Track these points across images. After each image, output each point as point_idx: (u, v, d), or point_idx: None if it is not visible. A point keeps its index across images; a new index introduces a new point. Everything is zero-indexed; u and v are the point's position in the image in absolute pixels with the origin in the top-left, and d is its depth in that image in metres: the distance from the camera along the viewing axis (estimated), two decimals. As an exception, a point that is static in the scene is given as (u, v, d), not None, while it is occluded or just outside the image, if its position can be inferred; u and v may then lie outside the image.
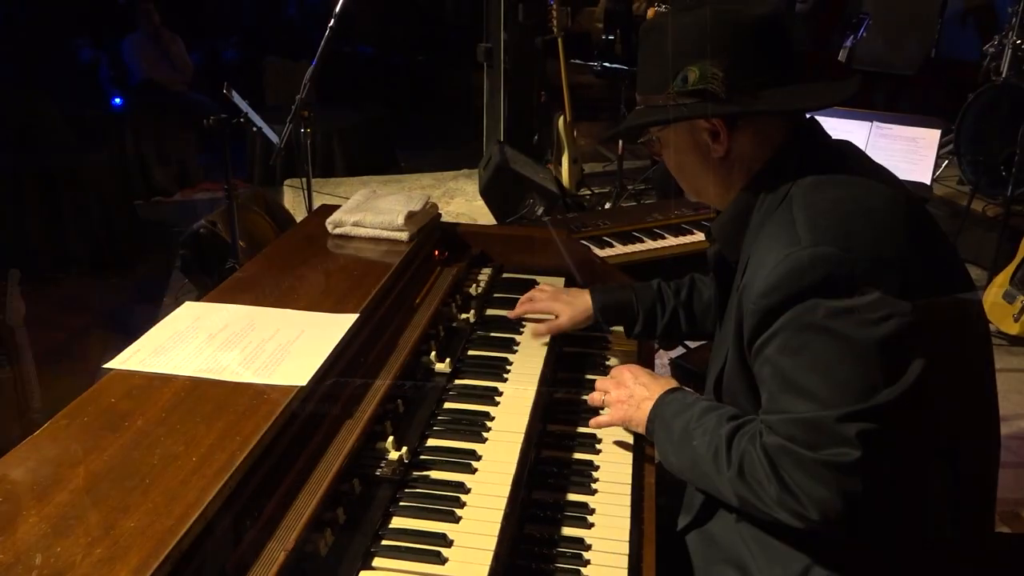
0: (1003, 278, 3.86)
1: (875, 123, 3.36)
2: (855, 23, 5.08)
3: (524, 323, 1.77)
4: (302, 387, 1.26)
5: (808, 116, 1.30)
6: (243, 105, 3.53)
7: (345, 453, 1.21)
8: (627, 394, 1.44)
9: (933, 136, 3.30)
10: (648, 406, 1.39)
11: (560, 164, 5.41)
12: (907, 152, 3.29)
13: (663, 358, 3.26)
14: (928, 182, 3.39)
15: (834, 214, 1.15)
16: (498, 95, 5.58)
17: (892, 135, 3.32)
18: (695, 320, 1.68)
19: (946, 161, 5.10)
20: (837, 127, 3.32)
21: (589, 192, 5.63)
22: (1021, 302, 3.72)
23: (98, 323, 4.21)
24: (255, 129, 3.58)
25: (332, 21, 3.39)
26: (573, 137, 5.36)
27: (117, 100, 6.05)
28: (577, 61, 5.54)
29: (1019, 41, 4.64)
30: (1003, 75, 4.73)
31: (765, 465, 1.14)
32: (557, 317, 1.72)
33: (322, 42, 3.43)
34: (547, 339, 1.70)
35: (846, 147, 1.31)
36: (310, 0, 8.48)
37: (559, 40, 5.23)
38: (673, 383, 1.45)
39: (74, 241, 4.71)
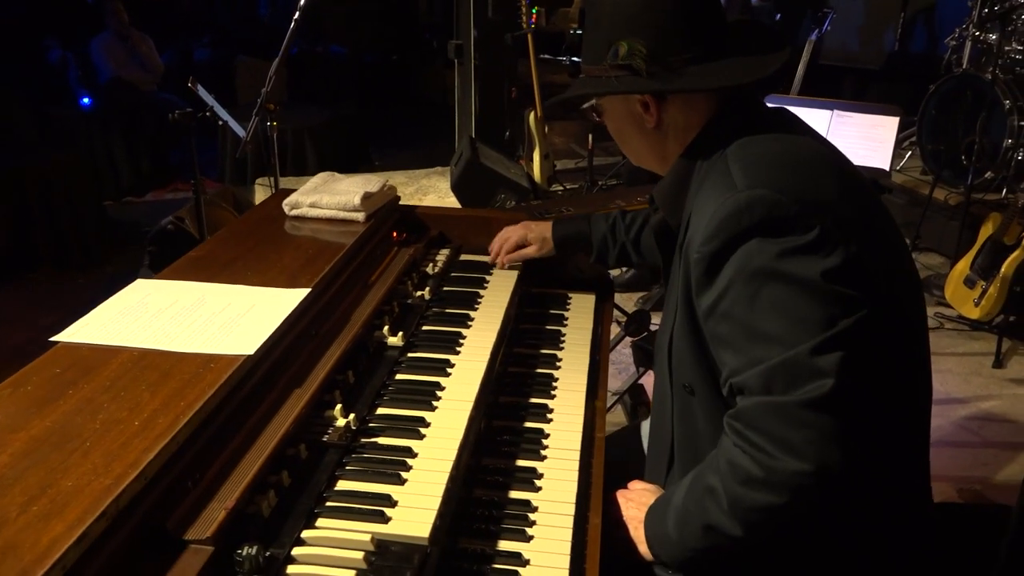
0: (963, 265, 3.93)
1: (835, 111, 3.41)
2: (820, 17, 5.16)
3: (479, 300, 1.78)
4: (249, 356, 1.27)
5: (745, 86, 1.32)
6: (208, 99, 3.53)
7: (292, 419, 1.22)
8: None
9: (892, 123, 3.36)
10: (641, 533, 1.31)
11: (531, 160, 5.43)
12: (866, 139, 3.34)
13: (628, 346, 3.30)
14: (887, 168, 3.45)
15: (767, 160, 1.18)
16: (469, 91, 5.60)
17: (852, 123, 3.38)
18: (643, 255, 1.79)
19: (909, 152, 5.18)
20: (797, 114, 3.36)
21: (561, 188, 5.65)
22: (981, 287, 3.79)
23: (66, 321, 4.18)
24: (221, 123, 3.58)
25: (297, 14, 3.38)
26: (544, 132, 5.38)
27: (86, 100, 6.01)
28: (547, 56, 5.57)
29: (978, 34, 4.72)
30: (964, 67, 4.81)
31: (745, 444, 1.11)
32: (528, 246, 1.88)
33: (287, 35, 3.43)
34: (503, 311, 1.72)
35: (780, 114, 1.33)
36: (282, 0, 8.47)
37: (529, 36, 5.27)
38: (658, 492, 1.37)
39: (41, 241, 4.67)
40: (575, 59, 5.34)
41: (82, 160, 5.08)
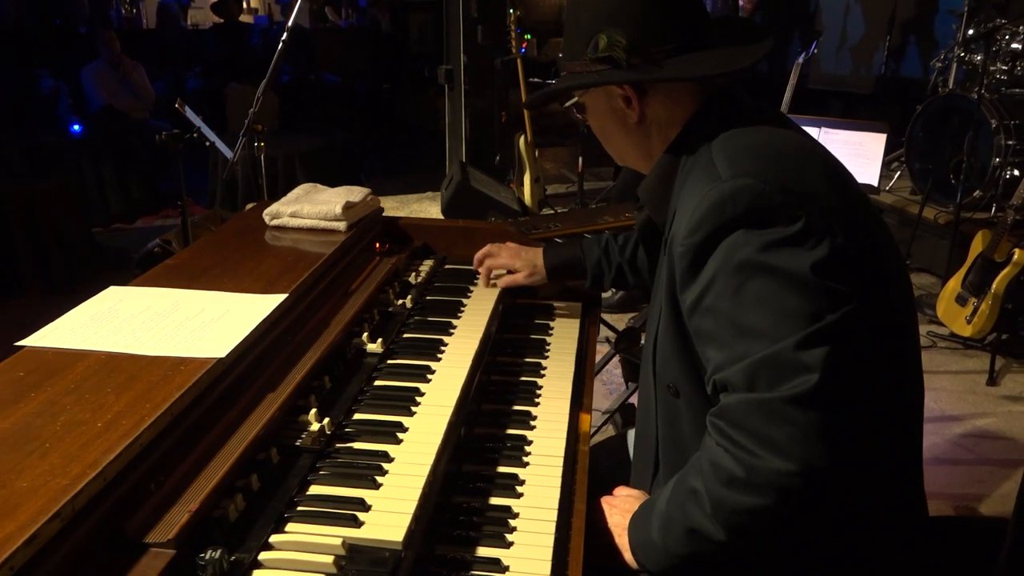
0: (955, 283, 3.91)
1: (823, 128, 3.41)
2: (807, 40, 5.20)
3: (462, 309, 1.75)
4: (221, 359, 1.23)
5: (724, 80, 1.31)
6: (196, 120, 3.52)
7: (263, 423, 1.18)
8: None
9: (879, 139, 3.36)
10: (625, 540, 1.26)
11: (522, 184, 5.43)
12: (854, 156, 3.34)
13: (618, 366, 3.26)
14: (875, 184, 3.44)
15: (751, 151, 1.16)
16: (459, 116, 5.62)
17: (839, 140, 3.38)
18: (639, 272, 1.73)
19: (897, 172, 5.19)
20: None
21: (552, 211, 5.65)
22: (973, 304, 3.77)
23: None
24: (208, 144, 3.56)
25: (284, 35, 3.38)
26: (534, 156, 5.38)
27: (76, 127, 6.00)
28: (537, 80, 5.59)
29: (963, 55, 4.75)
30: (950, 88, 4.83)
31: (728, 443, 1.06)
32: (515, 273, 1.81)
33: (275, 56, 3.43)
34: (486, 319, 1.68)
35: (765, 108, 1.32)
36: (274, 30, 8.52)
37: (518, 60, 5.29)
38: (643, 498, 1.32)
39: (27, 266, 4.63)
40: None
41: (69, 186, 5.05)
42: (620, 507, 1.31)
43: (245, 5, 10.40)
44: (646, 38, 1.21)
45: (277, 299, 1.44)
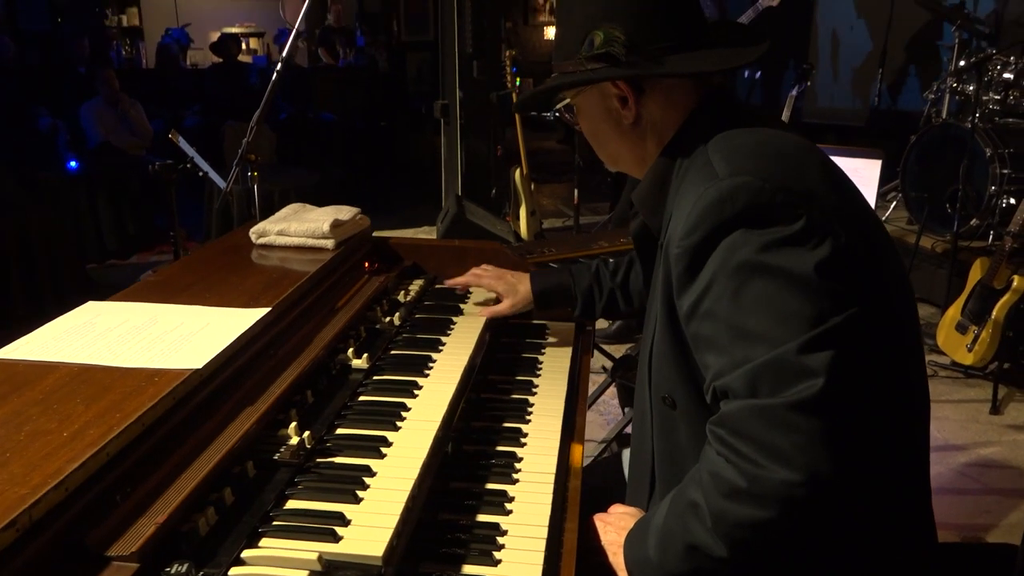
0: (954, 311, 3.87)
1: (818, 155, 3.40)
2: (800, 73, 5.23)
3: (452, 326, 1.71)
4: (197, 370, 1.19)
5: (720, 82, 1.28)
6: (189, 150, 3.51)
7: (239, 436, 1.13)
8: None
9: (874, 165, 3.35)
10: (620, 559, 1.20)
11: (518, 217, 5.42)
12: (850, 182, 3.32)
13: (615, 397, 3.20)
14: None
15: (749, 149, 1.12)
16: (455, 150, 5.63)
17: (835, 166, 3.36)
18: (631, 300, 1.67)
19: (893, 203, 5.19)
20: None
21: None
22: (973, 332, 3.72)
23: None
24: (201, 174, 3.55)
25: (279, 65, 3.39)
26: (530, 190, 5.38)
27: (73, 163, 6.00)
28: (532, 113, 5.62)
29: (956, 85, 4.78)
30: (943, 118, 4.85)
31: (729, 452, 1.01)
32: (498, 300, 1.73)
33: (268, 86, 3.43)
34: (476, 335, 1.64)
35: (761, 111, 1.29)
36: (271, 70, 8.59)
37: (513, 95, 5.32)
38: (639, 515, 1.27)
39: (19, 299, 4.59)
40: (558, 114, 5.38)
41: (63, 221, 5.04)
42: (615, 524, 1.25)
43: (244, 46, 10.54)
44: (644, 34, 1.19)
45: (259, 312, 1.40)
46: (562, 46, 1.28)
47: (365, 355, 1.49)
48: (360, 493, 1.11)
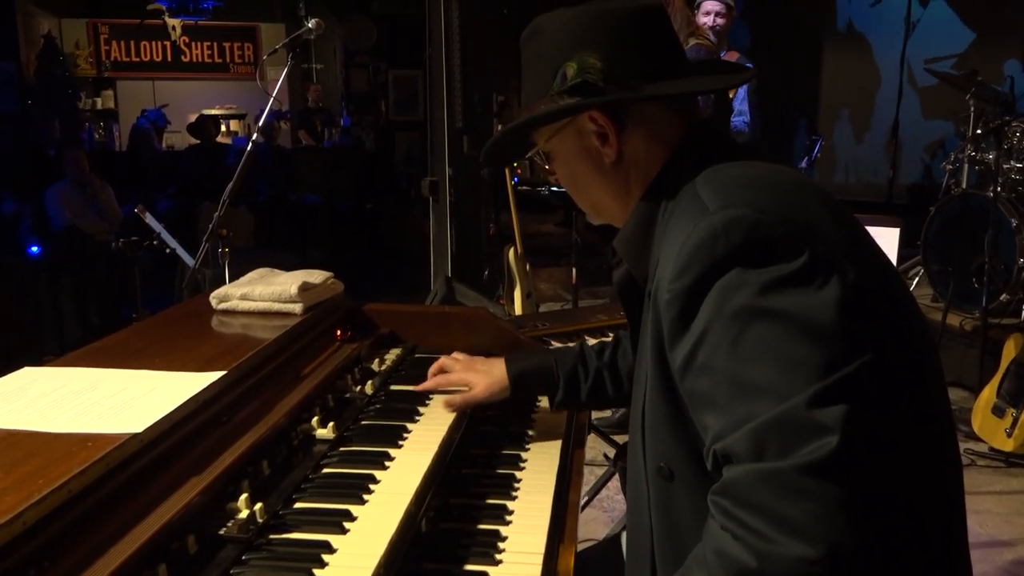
0: (989, 392, 3.81)
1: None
2: (808, 145, 5.33)
3: (431, 396, 1.65)
4: (136, 435, 1.13)
5: (705, 119, 1.28)
6: (156, 225, 3.53)
7: (180, 507, 1.07)
8: None
9: (893, 233, 3.36)
10: None
11: (512, 299, 5.41)
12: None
13: (620, 492, 3.10)
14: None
15: (742, 180, 1.09)
16: (444, 229, 5.65)
17: (849, 235, 3.37)
18: (621, 381, 1.58)
19: (915, 279, 5.19)
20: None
21: (544, 327, 5.59)
22: (1011, 415, 3.65)
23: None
24: (168, 251, 3.55)
25: (255, 135, 3.43)
26: (525, 270, 5.39)
27: (34, 248, 6.02)
28: (525, 188, 5.69)
29: (975, 154, 4.85)
30: (963, 188, 4.91)
31: (735, 526, 0.94)
32: (471, 389, 1.61)
33: (243, 158, 3.46)
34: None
35: (754, 148, 1.28)
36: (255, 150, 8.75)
37: (506, 171, 5.39)
38: None
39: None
40: (554, 189, 5.44)
41: (20, 308, 5.01)
42: None
43: (224, 128, 10.77)
44: (621, 62, 1.18)
45: (212, 376, 1.36)
46: (530, 86, 1.27)
47: (331, 424, 1.43)
48: (317, 572, 1.04)
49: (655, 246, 1.19)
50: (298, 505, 1.22)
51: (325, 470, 1.34)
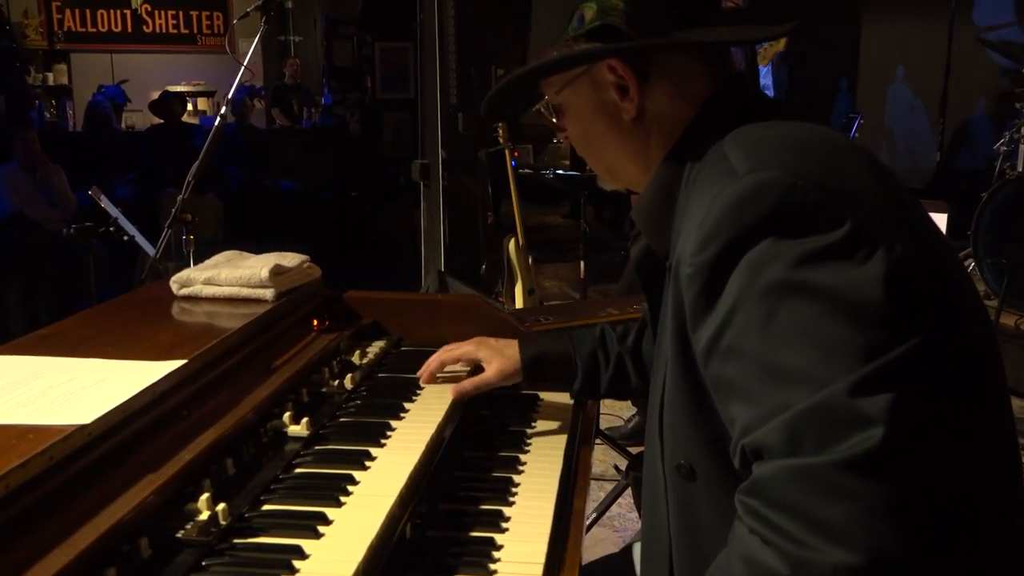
0: (1049, 399, 3.80)
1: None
2: (845, 123, 5.33)
3: (417, 392, 1.64)
4: (84, 427, 1.13)
5: (738, 73, 1.27)
6: (113, 210, 3.53)
7: (132, 507, 1.06)
8: None
9: (939, 220, 3.35)
10: None
11: (512, 296, 5.39)
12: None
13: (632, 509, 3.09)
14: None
15: (777, 142, 1.08)
16: (437, 218, 5.64)
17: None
18: (645, 370, 1.56)
19: (967, 273, 5.17)
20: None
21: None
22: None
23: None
24: (126, 238, 3.55)
25: (223, 107, 3.43)
26: (527, 263, 5.37)
27: (-28, 239, 6.03)
28: (527, 171, 5.68)
29: (1032, 133, 4.85)
30: (1020, 171, 4.89)
31: (766, 529, 0.93)
32: (485, 367, 1.61)
33: (210, 135, 3.46)
34: (448, 402, 1.57)
35: (788, 105, 1.27)
36: (227, 130, 8.75)
37: (506, 152, 5.38)
38: None
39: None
40: (559, 171, 5.43)
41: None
42: None
43: (191, 106, 10.78)
44: (646, 6, 1.17)
45: (171, 365, 1.35)
46: (542, 30, 1.26)
47: (306, 420, 1.43)
48: (286, 579, 1.03)
49: (677, 215, 1.18)
50: (267, 507, 1.22)
51: (298, 470, 1.33)
